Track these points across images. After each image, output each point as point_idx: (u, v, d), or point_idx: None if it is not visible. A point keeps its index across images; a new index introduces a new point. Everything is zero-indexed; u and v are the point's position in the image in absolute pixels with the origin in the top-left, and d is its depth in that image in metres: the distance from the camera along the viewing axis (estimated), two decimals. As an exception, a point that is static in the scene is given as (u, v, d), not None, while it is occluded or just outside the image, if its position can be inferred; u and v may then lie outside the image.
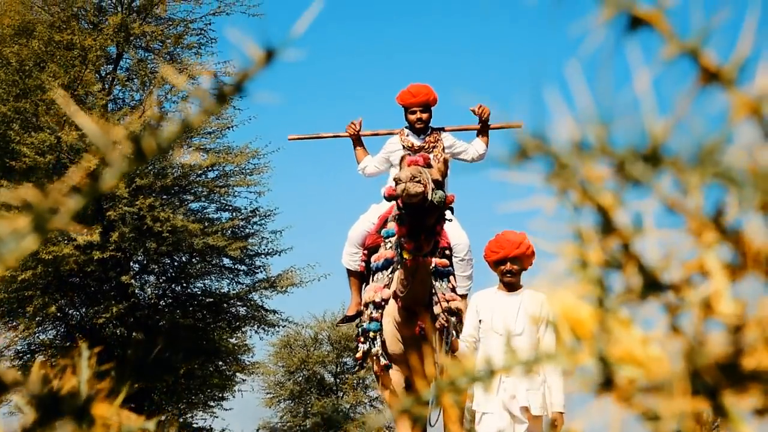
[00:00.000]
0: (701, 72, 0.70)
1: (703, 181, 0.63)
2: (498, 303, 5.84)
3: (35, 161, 14.19)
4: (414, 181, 4.97)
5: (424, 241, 5.27)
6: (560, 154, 0.62)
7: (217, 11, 16.65)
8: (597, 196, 0.70)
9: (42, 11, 15.72)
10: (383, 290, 6.07)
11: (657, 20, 0.71)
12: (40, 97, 14.50)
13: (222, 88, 0.80)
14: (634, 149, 0.62)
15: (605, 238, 0.78)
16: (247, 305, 17.57)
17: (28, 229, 0.73)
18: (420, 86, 6.88)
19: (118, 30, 15.45)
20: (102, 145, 0.74)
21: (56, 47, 14.88)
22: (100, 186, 0.75)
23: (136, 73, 16.13)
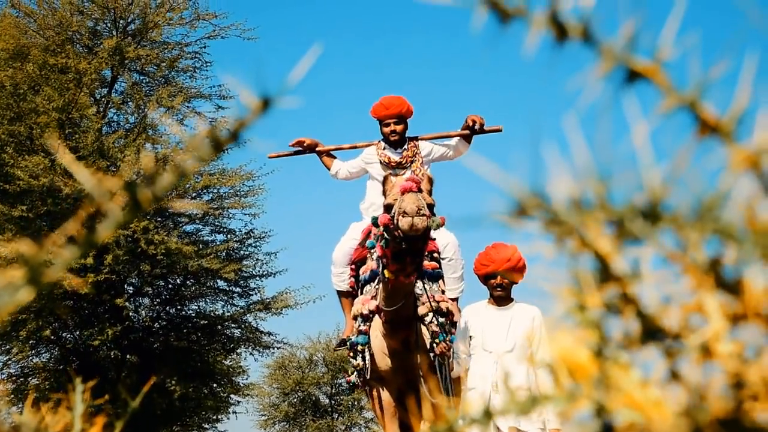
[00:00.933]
0: (700, 125, 0.70)
1: (702, 238, 0.63)
2: (488, 318, 5.63)
3: (29, 184, 14.17)
4: (420, 214, 4.82)
5: (409, 264, 5.11)
6: (559, 211, 0.61)
7: (212, 35, 16.71)
8: (595, 245, 0.69)
9: (37, 35, 15.75)
10: (370, 302, 5.86)
11: (654, 73, 0.71)
12: (34, 120, 14.50)
13: (218, 138, 0.79)
14: (634, 206, 0.62)
15: (603, 284, 0.77)
16: (241, 327, 17.53)
17: (22, 282, 0.72)
18: (392, 98, 6.66)
19: (113, 53, 15.49)
20: (98, 196, 0.74)
21: (51, 71, 14.90)
22: (96, 237, 0.74)
23: (130, 96, 16.16)
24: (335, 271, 6.52)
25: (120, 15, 16.00)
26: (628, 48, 0.71)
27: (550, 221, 0.61)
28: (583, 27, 0.71)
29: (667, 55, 0.71)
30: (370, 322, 5.84)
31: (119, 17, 16.04)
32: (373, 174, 6.63)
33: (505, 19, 0.72)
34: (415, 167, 6.52)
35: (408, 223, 4.80)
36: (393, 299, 5.36)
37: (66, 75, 14.96)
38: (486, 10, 0.72)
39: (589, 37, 0.71)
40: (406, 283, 5.28)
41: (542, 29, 0.71)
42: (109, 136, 15.45)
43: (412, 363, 5.62)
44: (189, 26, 16.59)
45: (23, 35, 15.54)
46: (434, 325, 5.67)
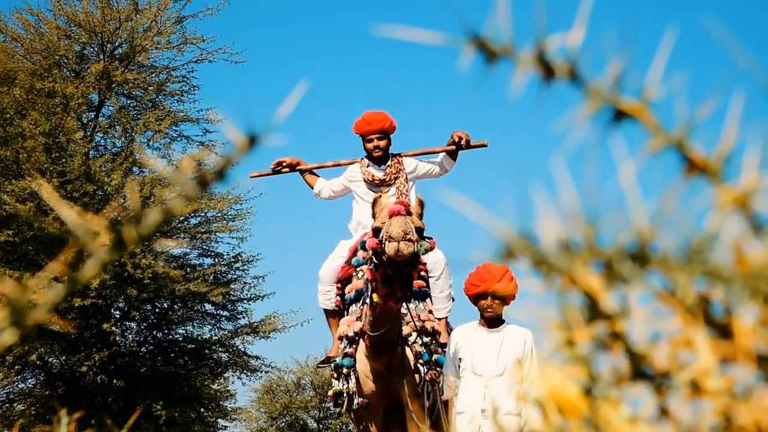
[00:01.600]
0: (687, 164, 0.70)
1: (691, 280, 0.63)
2: (478, 340, 5.48)
3: (15, 209, 14.10)
4: (406, 239, 4.71)
5: (398, 288, 5.01)
6: (547, 254, 0.61)
7: (199, 59, 16.73)
8: (584, 285, 0.69)
9: (24, 59, 15.74)
10: (355, 323, 5.71)
11: (641, 113, 0.71)
12: (21, 144, 14.46)
13: (204, 176, 0.79)
14: (622, 248, 0.61)
15: (592, 321, 0.77)
16: (229, 351, 17.45)
17: (5, 323, 0.72)
18: (375, 113, 6.54)
19: (100, 77, 15.48)
20: (82, 235, 0.73)
21: (38, 95, 14.88)
22: (81, 277, 0.74)
23: (118, 120, 16.14)
24: (321, 289, 6.37)
25: (107, 39, 16.01)
26: (615, 88, 0.71)
27: (538, 263, 0.61)
28: (570, 66, 0.71)
29: (654, 94, 0.71)
30: (356, 345, 5.70)
31: (106, 41, 16.05)
32: (358, 192, 6.53)
33: (492, 59, 0.71)
34: (399, 183, 6.44)
35: (393, 248, 4.71)
36: (379, 324, 5.24)
37: (53, 99, 14.94)
38: (473, 49, 0.72)
39: (576, 77, 0.71)
40: (395, 309, 5.18)
41: (529, 69, 0.71)
42: (95, 160, 15.41)
43: (395, 386, 5.50)
44: (176, 50, 16.61)
45: (10, 59, 15.51)
46: (418, 345, 5.58)
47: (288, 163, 6.79)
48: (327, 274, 6.31)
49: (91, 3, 15.97)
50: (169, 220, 0.69)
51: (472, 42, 0.72)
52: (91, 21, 15.72)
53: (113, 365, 16.10)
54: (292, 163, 6.79)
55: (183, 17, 16.50)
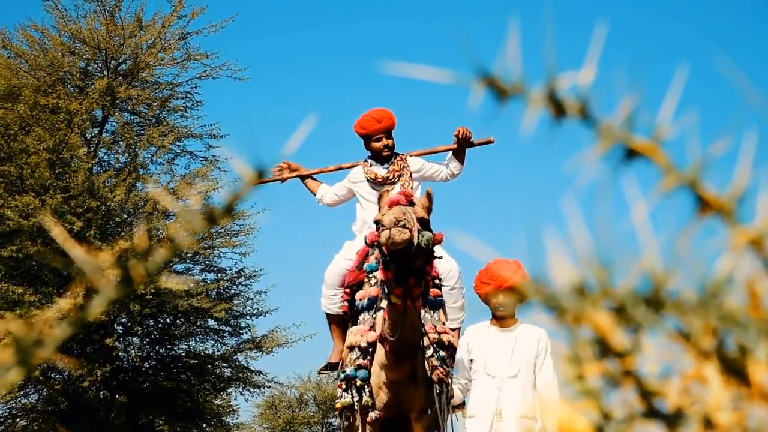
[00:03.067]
0: (700, 204, 0.69)
1: (706, 324, 0.62)
2: (491, 341, 5.25)
3: (19, 224, 14.11)
4: (398, 226, 4.47)
5: (413, 285, 4.76)
6: (560, 298, 0.60)
7: (203, 75, 16.78)
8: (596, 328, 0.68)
9: (28, 75, 15.79)
10: (368, 333, 5.41)
11: (654, 152, 0.70)
12: (25, 160, 14.48)
13: (212, 211, 0.78)
14: (636, 293, 0.61)
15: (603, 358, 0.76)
16: (231, 366, 17.41)
17: (11, 362, 0.71)
18: (382, 111, 6.34)
19: (104, 94, 15.52)
20: (89, 272, 0.73)
21: (42, 111, 14.91)
22: (87, 315, 0.73)
23: (121, 136, 16.17)
24: (326, 293, 6.12)
25: (111, 55, 16.06)
26: (627, 126, 0.70)
27: (551, 306, 0.60)
28: (581, 105, 0.71)
29: (666, 133, 0.70)
30: (370, 356, 5.40)
31: (111, 57, 16.10)
32: (362, 194, 6.35)
33: (502, 97, 0.71)
34: (403, 181, 6.25)
35: (385, 236, 4.50)
36: (399, 326, 4.95)
37: (57, 115, 14.98)
38: (483, 87, 0.71)
39: (587, 115, 0.71)
40: (413, 309, 4.92)
41: (540, 107, 0.71)
42: (99, 176, 15.43)
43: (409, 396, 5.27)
44: (180, 66, 16.65)
45: (14, 76, 15.57)
46: (434, 359, 5.27)
47: (288, 166, 6.57)
48: (332, 277, 6.09)
49: (96, 19, 16.04)
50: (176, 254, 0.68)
51: (483, 80, 0.72)
52: (96, 37, 15.77)
53: (116, 380, 16.07)
54: (293, 167, 6.59)
55: (187, 34, 16.57)
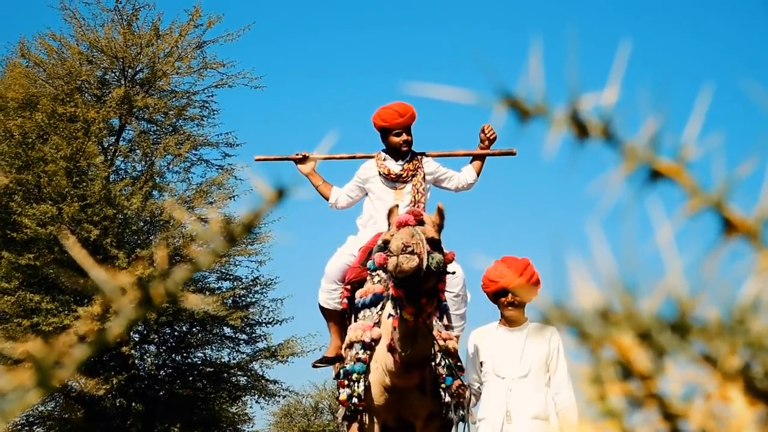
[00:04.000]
0: (726, 226, 0.68)
1: (732, 350, 0.61)
2: (499, 341, 5.11)
3: (36, 232, 14.19)
4: (407, 252, 4.24)
5: (426, 304, 4.56)
6: (585, 323, 0.60)
7: (219, 83, 16.83)
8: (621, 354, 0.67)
9: (46, 84, 15.88)
10: (373, 329, 5.24)
11: (678, 173, 0.69)
12: (42, 168, 14.57)
13: (232, 231, 0.78)
14: (662, 319, 0.60)
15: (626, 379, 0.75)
16: (247, 375, 17.43)
17: (31, 384, 0.71)
18: (404, 105, 6.06)
19: (121, 102, 15.60)
20: (109, 293, 0.73)
21: (59, 120, 15.01)
22: (107, 335, 0.73)
23: (138, 145, 16.24)
24: (326, 287, 5.93)
25: (129, 64, 16.14)
26: (651, 147, 0.70)
27: (575, 332, 0.60)
28: (604, 126, 0.70)
29: (691, 154, 0.70)
30: (371, 351, 5.26)
31: (128, 66, 16.18)
32: (372, 189, 6.13)
33: (524, 118, 0.70)
34: (416, 181, 6.03)
35: (392, 264, 4.27)
36: (411, 341, 4.78)
37: (74, 124, 15.06)
38: (505, 108, 0.71)
39: (610, 136, 0.70)
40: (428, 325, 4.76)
41: (563, 128, 0.70)
42: (116, 184, 15.49)
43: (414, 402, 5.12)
44: (197, 75, 16.71)
45: (33, 85, 15.67)
46: (441, 368, 5.13)
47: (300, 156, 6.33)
48: (333, 271, 5.90)
49: (114, 29, 16.13)
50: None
51: (505, 101, 0.71)
52: (113, 46, 15.86)
53: (132, 388, 16.11)
54: (305, 155, 6.34)
55: (203, 42, 16.64)
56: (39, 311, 14.35)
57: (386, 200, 5.97)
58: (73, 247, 0.73)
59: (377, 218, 5.93)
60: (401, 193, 6.03)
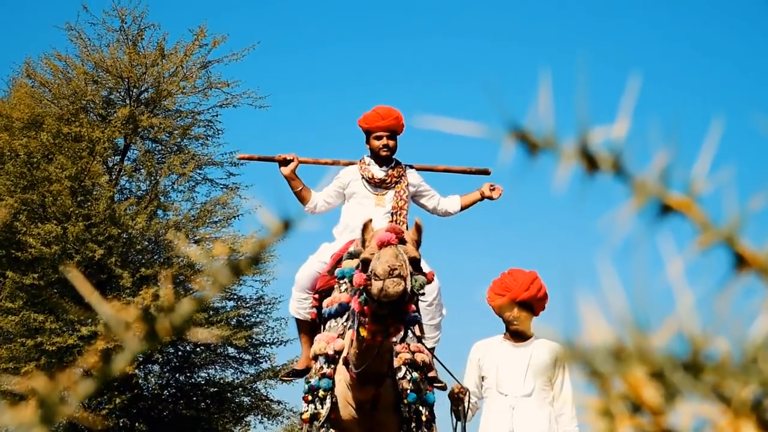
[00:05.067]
0: (738, 261, 0.67)
1: (745, 389, 0.60)
2: (503, 356, 4.88)
3: (41, 252, 14.20)
4: (393, 276, 4.04)
5: (391, 325, 4.32)
6: (596, 362, 0.59)
7: (224, 103, 16.88)
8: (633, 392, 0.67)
9: (51, 104, 15.94)
10: (336, 340, 5.03)
11: (689, 208, 0.68)
12: (47, 188, 14.60)
13: (237, 263, 0.78)
14: (674, 358, 0.59)
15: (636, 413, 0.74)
16: (251, 395, 17.39)
17: (35, 420, 0.70)
18: (389, 108, 5.96)
19: (126, 122, 15.64)
20: (115, 327, 0.72)
21: (64, 139, 15.05)
22: (112, 369, 0.72)
23: (143, 164, 16.27)
24: (296, 296, 5.76)
25: (134, 84, 16.19)
26: (661, 181, 0.69)
27: (586, 371, 0.59)
28: (614, 159, 0.69)
29: (702, 188, 0.69)
30: (335, 364, 5.01)
31: (133, 86, 16.23)
32: (353, 193, 5.96)
33: (533, 151, 0.70)
34: (399, 189, 5.89)
35: (377, 287, 4.05)
36: (364, 358, 4.56)
37: (79, 143, 15.11)
38: (514, 141, 0.70)
39: (620, 170, 0.69)
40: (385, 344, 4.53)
41: (572, 161, 0.70)
42: (120, 204, 15.52)
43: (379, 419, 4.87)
44: (202, 95, 16.76)
45: (38, 104, 15.73)
46: (406, 382, 4.91)
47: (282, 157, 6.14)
48: (303, 278, 5.72)
49: (119, 49, 16.20)
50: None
51: (514, 134, 0.70)
52: (118, 66, 15.92)
53: (135, 408, 16.08)
54: (287, 158, 6.13)
55: (208, 62, 16.69)
56: (43, 331, 14.35)
57: (366, 206, 5.85)
58: (78, 279, 0.73)
59: (353, 226, 5.70)
60: (382, 199, 5.90)
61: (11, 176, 14.90)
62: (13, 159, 15.02)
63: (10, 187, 14.79)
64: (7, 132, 15.20)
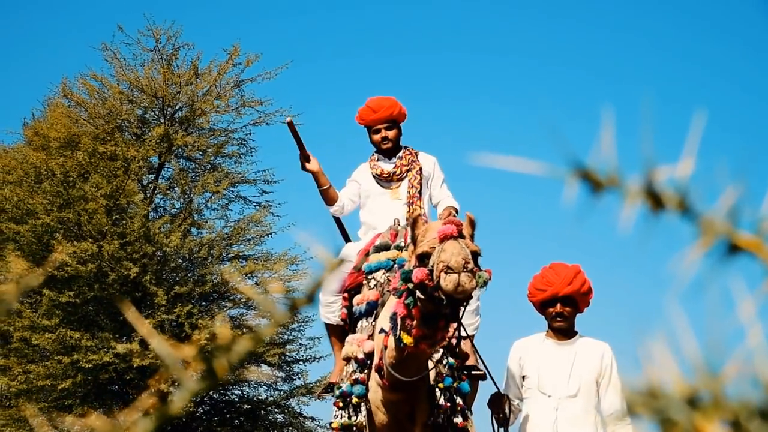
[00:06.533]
0: (810, 303, 0.66)
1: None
2: (546, 355, 4.68)
3: (77, 270, 14.33)
4: (467, 270, 3.72)
5: (440, 330, 4.03)
6: (670, 410, 0.57)
7: (257, 121, 16.95)
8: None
9: (87, 124, 16.11)
10: (366, 342, 4.76)
11: (758, 248, 0.67)
12: (83, 207, 14.75)
13: (294, 301, 0.77)
14: (750, 404, 0.58)
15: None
16: (284, 412, 17.38)
17: (95, 461, 0.70)
18: (381, 99, 5.74)
19: (160, 141, 15.78)
20: (171, 365, 0.72)
21: (100, 158, 15.21)
22: (170, 409, 0.71)
23: (177, 182, 16.38)
24: (324, 300, 5.47)
25: (168, 103, 16.33)
26: (730, 220, 0.67)
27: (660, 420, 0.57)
28: (680, 198, 0.68)
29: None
30: (368, 369, 4.75)
31: (167, 105, 16.37)
32: (367, 192, 5.79)
33: (597, 190, 0.69)
34: (411, 176, 5.66)
35: (453, 282, 3.71)
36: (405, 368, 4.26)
37: (114, 162, 15.26)
38: (577, 180, 0.69)
39: (687, 209, 0.68)
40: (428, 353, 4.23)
41: (637, 200, 0.68)
42: (155, 222, 15.64)
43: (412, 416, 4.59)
44: (235, 113, 16.85)
45: (74, 124, 15.91)
46: (442, 366, 4.59)
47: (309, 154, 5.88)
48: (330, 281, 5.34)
49: (153, 68, 16.34)
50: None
51: (577, 172, 0.69)
52: (153, 86, 16.07)
53: (170, 426, 16.14)
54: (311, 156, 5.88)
55: (242, 81, 16.79)
56: (79, 348, 14.46)
57: (383, 203, 5.73)
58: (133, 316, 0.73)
59: (375, 225, 5.62)
60: (397, 192, 5.73)
61: (48, 195, 15.07)
62: (49, 178, 15.20)
63: (47, 206, 14.96)
64: (44, 151, 15.39)
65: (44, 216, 14.79)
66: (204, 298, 16.20)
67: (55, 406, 15.05)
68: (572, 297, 4.64)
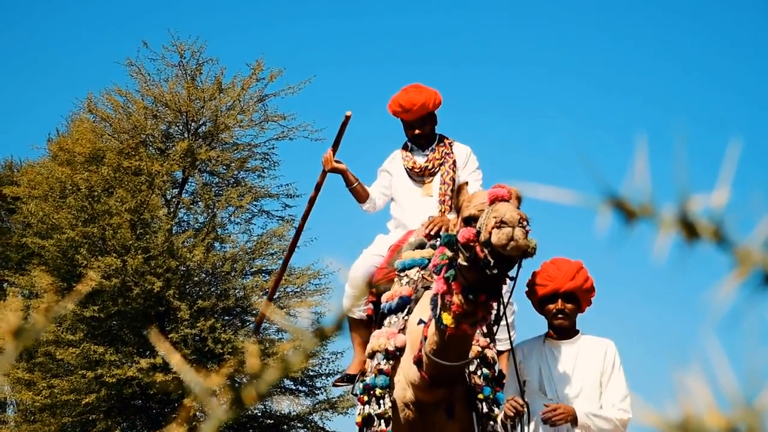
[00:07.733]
0: None
1: None
2: (547, 356, 4.48)
3: (101, 284, 14.42)
4: (522, 226, 3.48)
5: (481, 305, 3.80)
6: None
7: (280, 136, 17.01)
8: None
9: (112, 138, 16.24)
10: (397, 336, 4.60)
11: (797, 278, 0.66)
12: (107, 221, 14.85)
13: (322, 329, 0.77)
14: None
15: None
16: (307, 427, 17.37)
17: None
18: (414, 94, 5.40)
19: (184, 155, 15.87)
20: (200, 394, 0.71)
21: (124, 173, 15.32)
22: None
23: (200, 197, 16.46)
24: (350, 293, 5.20)
25: (192, 118, 16.43)
26: (766, 250, 0.66)
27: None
28: (715, 227, 0.67)
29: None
30: (394, 361, 4.59)
31: (191, 120, 16.47)
32: (398, 187, 5.58)
33: (631, 219, 0.68)
34: (444, 170, 5.43)
35: (507, 234, 3.46)
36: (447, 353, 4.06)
37: (139, 177, 15.36)
38: (611, 209, 0.68)
39: (722, 239, 0.67)
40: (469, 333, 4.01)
41: (671, 230, 0.68)
42: (178, 236, 15.71)
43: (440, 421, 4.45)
44: (258, 128, 16.93)
45: (99, 139, 16.04)
46: (477, 377, 4.43)
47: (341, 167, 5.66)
48: (359, 276, 5.14)
49: (178, 83, 16.45)
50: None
51: (610, 202, 0.69)
52: (177, 101, 16.17)
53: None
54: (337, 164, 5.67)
55: (265, 96, 16.87)
56: (103, 363, 14.54)
57: (413, 199, 5.51)
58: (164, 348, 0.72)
59: (405, 222, 5.45)
60: (429, 187, 5.50)
61: (72, 210, 15.19)
62: (74, 193, 15.32)
63: (72, 221, 15.07)
64: (69, 166, 15.52)
65: (69, 231, 14.91)
66: (227, 313, 16.24)
67: (79, 420, 15.13)
68: (574, 293, 4.44)
